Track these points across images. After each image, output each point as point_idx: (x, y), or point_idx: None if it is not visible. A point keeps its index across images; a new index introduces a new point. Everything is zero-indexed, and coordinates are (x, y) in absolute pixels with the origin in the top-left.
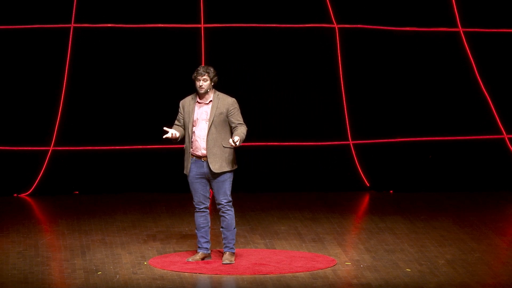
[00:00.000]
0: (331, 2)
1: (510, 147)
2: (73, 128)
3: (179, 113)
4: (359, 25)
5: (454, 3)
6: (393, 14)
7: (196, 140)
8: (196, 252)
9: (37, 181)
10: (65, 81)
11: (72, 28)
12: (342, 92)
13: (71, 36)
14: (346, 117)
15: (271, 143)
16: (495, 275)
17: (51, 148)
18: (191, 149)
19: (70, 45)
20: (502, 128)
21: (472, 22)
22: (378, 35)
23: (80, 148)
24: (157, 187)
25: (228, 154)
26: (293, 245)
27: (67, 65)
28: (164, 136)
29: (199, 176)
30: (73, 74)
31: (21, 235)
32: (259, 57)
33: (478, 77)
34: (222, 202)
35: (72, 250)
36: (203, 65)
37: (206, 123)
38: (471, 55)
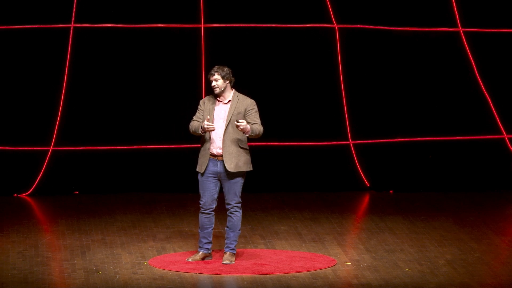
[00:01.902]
0: (331, 2)
1: (510, 147)
2: (73, 128)
3: (199, 110)
4: (359, 25)
5: (454, 3)
6: (393, 14)
7: (213, 139)
8: (196, 251)
9: (37, 181)
10: (65, 81)
11: (72, 28)
12: (342, 92)
13: (71, 36)
14: (346, 117)
15: (271, 143)
16: (495, 275)
17: (51, 148)
18: (209, 148)
19: (70, 45)
20: (502, 128)
21: (472, 22)
22: (378, 35)
23: (80, 148)
24: (157, 187)
25: (243, 155)
26: (293, 245)
27: (67, 65)
28: (209, 129)
29: (212, 175)
30: (73, 74)
31: (21, 235)
32: (259, 57)
33: (478, 77)
34: (232, 203)
35: (72, 250)
36: (203, 64)
37: (224, 122)
38: (471, 55)
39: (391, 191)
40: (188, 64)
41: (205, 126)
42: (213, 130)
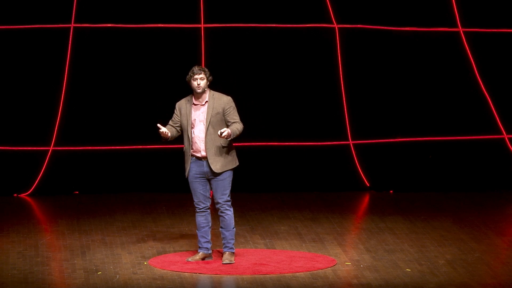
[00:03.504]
0: (331, 2)
1: (510, 147)
2: (73, 128)
3: (175, 115)
4: (359, 25)
5: (454, 3)
6: (393, 14)
7: (196, 142)
8: (196, 252)
9: (37, 181)
10: (65, 81)
11: (72, 28)
12: (342, 92)
13: (71, 36)
14: (346, 117)
15: (271, 143)
16: (495, 275)
17: (51, 148)
18: (191, 151)
19: (70, 45)
20: (502, 128)
21: (472, 22)
22: (378, 35)
23: (80, 148)
24: (157, 187)
25: (227, 153)
26: (293, 245)
27: (67, 65)
28: (160, 130)
29: (199, 176)
30: (73, 74)
31: (21, 235)
32: (259, 57)
33: (478, 77)
34: (220, 201)
35: (72, 250)
36: (203, 64)
37: (204, 124)
38: (471, 55)
39: (391, 191)
40: (188, 64)
41: (160, 131)
42: (165, 136)
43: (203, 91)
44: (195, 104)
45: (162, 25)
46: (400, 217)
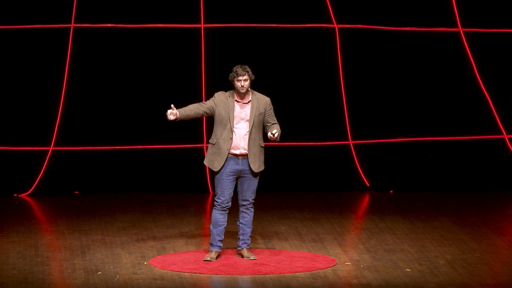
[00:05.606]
0: (331, 2)
1: (510, 147)
2: (73, 128)
3: (211, 101)
4: (359, 25)
5: (454, 3)
6: (393, 14)
7: (235, 139)
8: (208, 251)
9: (37, 181)
10: (65, 81)
11: (72, 28)
12: (342, 92)
13: (71, 36)
14: (346, 117)
15: (271, 143)
16: (495, 275)
17: (51, 148)
18: (231, 146)
19: (70, 45)
20: (502, 128)
21: (472, 22)
22: (378, 35)
23: (80, 148)
24: (157, 187)
25: (263, 154)
26: (293, 245)
27: (67, 65)
28: (170, 110)
29: (232, 174)
30: (73, 74)
31: (21, 235)
32: (259, 57)
33: (478, 77)
34: (250, 200)
35: (72, 250)
36: (203, 64)
37: (246, 123)
38: (471, 55)
39: (391, 191)
40: (188, 64)
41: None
42: (170, 117)
43: (247, 91)
44: (237, 101)
45: (162, 25)
46: (400, 217)
